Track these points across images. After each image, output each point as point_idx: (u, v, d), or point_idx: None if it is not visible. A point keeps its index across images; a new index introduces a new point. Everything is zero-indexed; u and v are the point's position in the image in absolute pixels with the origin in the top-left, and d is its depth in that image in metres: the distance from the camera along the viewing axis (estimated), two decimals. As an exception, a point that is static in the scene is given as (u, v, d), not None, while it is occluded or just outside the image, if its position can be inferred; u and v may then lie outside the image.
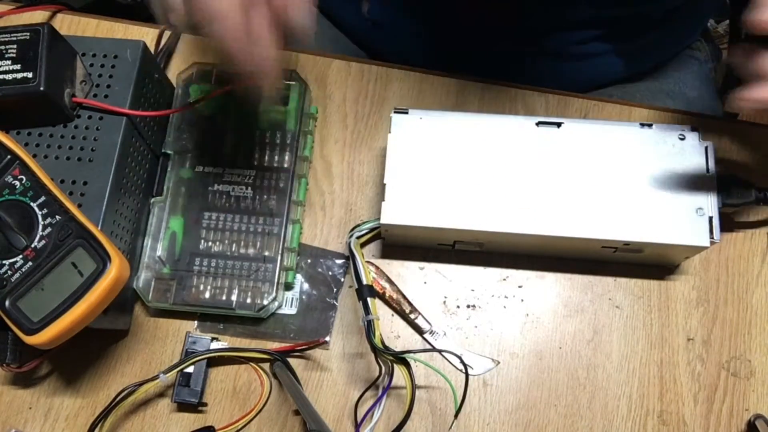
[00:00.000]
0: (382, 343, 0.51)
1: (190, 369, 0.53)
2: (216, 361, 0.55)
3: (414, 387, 0.50)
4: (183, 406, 0.54)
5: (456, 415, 0.51)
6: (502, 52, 0.68)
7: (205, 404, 0.54)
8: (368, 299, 0.52)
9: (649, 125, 0.53)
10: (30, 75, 0.48)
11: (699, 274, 0.58)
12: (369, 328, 0.50)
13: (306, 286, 0.57)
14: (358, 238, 0.55)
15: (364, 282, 0.52)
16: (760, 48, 0.41)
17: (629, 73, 0.72)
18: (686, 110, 0.62)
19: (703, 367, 0.55)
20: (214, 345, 0.54)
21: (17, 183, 0.46)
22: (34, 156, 0.50)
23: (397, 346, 0.55)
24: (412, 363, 0.51)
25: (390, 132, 0.53)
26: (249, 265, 0.55)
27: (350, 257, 0.54)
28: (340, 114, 0.62)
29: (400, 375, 0.51)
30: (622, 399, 0.55)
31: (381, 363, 0.52)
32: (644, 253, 0.53)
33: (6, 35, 0.49)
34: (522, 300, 0.57)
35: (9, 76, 0.48)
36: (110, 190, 0.50)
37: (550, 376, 0.55)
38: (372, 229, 0.56)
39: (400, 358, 0.50)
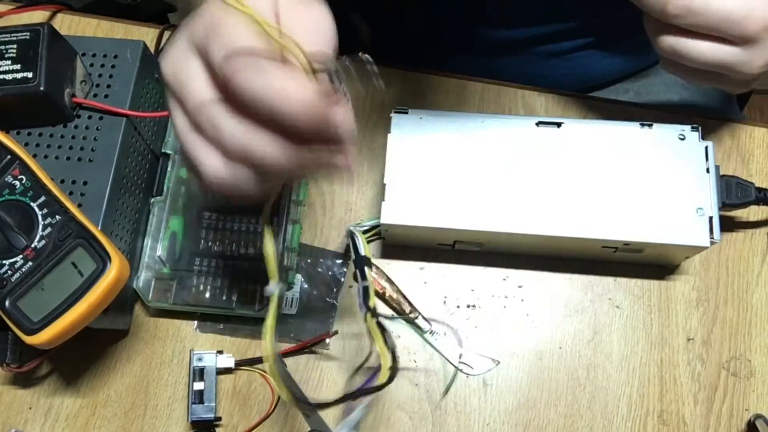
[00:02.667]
0: (375, 308, 0.50)
1: (201, 386, 0.53)
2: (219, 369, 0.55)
3: (389, 346, 0.48)
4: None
5: (445, 392, 0.51)
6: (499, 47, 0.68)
7: (220, 419, 0.54)
8: (365, 268, 0.51)
9: (649, 125, 0.53)
10: (30, 75, 0.48)
11: (699, 274, 0.57)
12: (365, 294, 0.49)
13: (306, 286, 0.57)
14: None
15: (362, 253, 0.52)
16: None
17: (641, 66, 0.72)
18: (699, 103, 0.61)
19: (703, 367, 0.55)
20: (221, 359, 0.54)
21: (17, 183, 0.46)
22: (34, 156, 0.50)
23: (396, 345, 0.55)
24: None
25: (390, 132, 0.53)
26: (249, 265, 0.55)
27: (350, 238, 0.54)
28: (340, 114, 0.62)
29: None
30: (622, 399, 0.55)
31: (371, 337, 0.49)
32: (644, 253, 0.53)
33: (6, 35, 0.49)
34: (522, 300, 0.57)
35: (9, 76, 0.48)
36: (110, 190, 0.50)
37: (550, 376, 0.55)
38: (372, 228, 0.56)
39: (379, 324, 0.48)
